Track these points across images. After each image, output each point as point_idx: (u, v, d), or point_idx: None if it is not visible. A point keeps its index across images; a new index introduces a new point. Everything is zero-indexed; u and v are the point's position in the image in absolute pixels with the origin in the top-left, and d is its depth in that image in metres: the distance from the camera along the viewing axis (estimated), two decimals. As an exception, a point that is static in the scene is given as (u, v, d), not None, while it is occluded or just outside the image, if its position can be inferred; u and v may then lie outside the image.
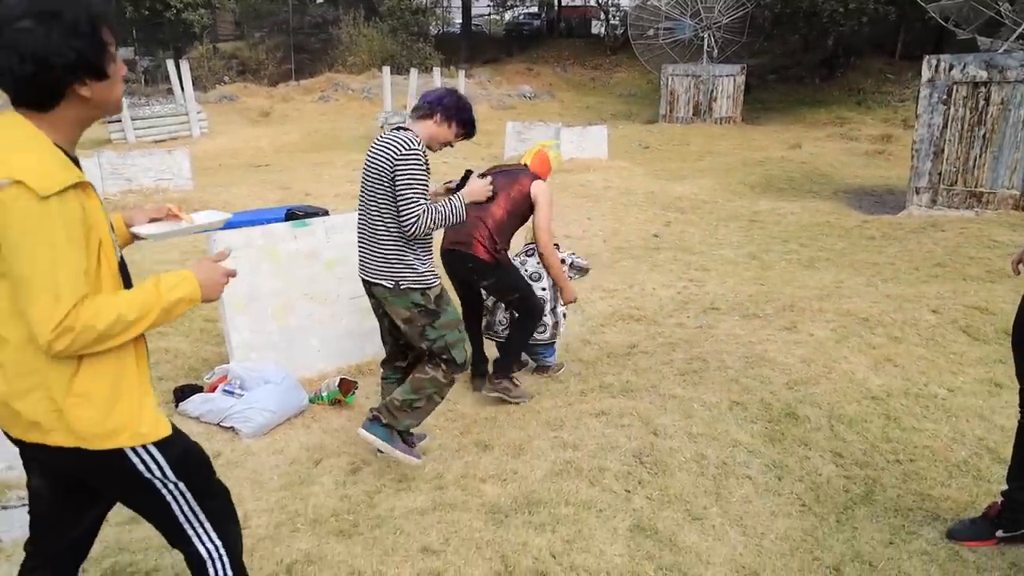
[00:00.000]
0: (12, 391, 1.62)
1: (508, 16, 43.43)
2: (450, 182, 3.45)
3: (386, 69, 20.21)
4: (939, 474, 3.35)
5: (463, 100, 3.29)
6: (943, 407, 3.96)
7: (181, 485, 1.80)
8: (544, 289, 4.36)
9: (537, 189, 4.14)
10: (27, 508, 1.95)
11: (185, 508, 1.82)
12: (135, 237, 1.98)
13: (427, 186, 3.05)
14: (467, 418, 3.92)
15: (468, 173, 3.37)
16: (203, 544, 1.86)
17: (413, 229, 3.00)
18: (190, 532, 1.85)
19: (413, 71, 19.24)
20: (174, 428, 1.80)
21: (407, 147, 3.01)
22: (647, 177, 12.88)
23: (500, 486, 3.18)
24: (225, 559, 1.89)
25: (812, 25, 23.58)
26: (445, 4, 42.48)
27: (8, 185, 1.47)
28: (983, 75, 9.15)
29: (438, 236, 3.90)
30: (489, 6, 43.41)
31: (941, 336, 4.88)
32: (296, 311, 4.37)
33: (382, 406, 3.23)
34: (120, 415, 1.67)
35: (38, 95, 1.57)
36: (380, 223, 3.10)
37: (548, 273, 4.32)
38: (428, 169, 3.05)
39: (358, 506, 3.06)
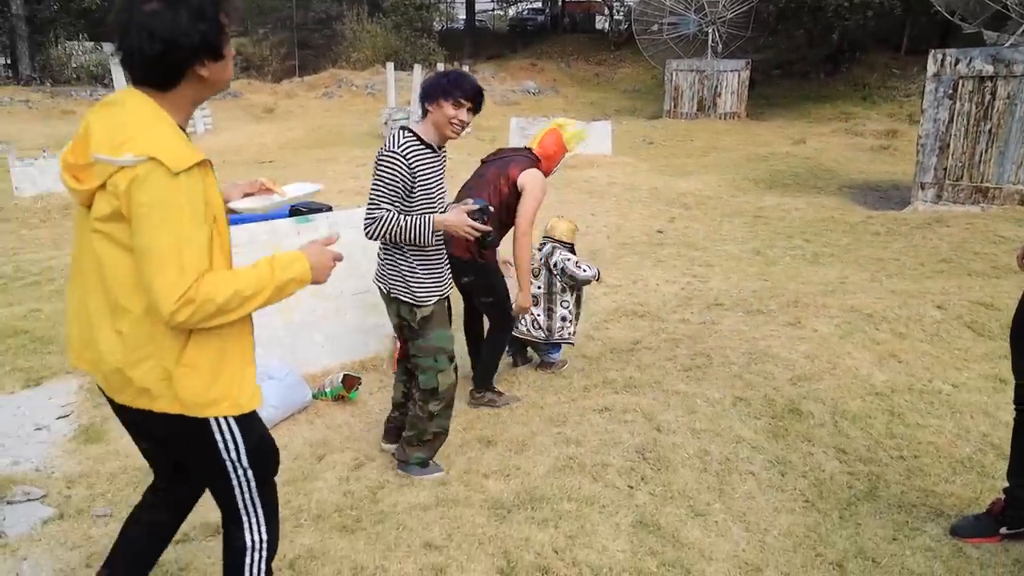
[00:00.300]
0: (128, 359, 1.70)
1: (512, 12, 43.40)
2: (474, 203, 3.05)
3: (390, 65, 20.18)
4: (943, 470, 3.34)
5: (441, 76, 3.03)
6: (947, 403, 3.95)
7: (249, 472, 1.88)
8: (539, 288, 4.33)
9: (525, 179, 3.83)
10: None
11: (247, 495, 1.91)
12: (231, 212, 2.09)
13: (395, 189, 2.89)
14: (470, 414, 3.93)
15: (484, 208, 3.01)
16: (251, 533, 1.95)
17: (367, 232, 2.90)
18: (244, 518, 1.94)
19: (417, 67, 19.21)
20: (256, 415, 1.89)
21: (386, 147, 2.94)
22: (651, 173, 12.86)
23: (503, 482, 3.18)
24: (265, 552, 1.98)
25: (817, 19, 23.49)
26: (449, 0, 42.43)
27: (144, 161, 1.55)
28: (989, 69, 9.10)
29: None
30: (493, 2, 43.35)
31: (946, 332, 4.87)
32: (301, 307, 4.37)
33: (398, 448, 3.35)
34: (222, 385, 1.75)
35: (163, 74, 1.65)
36: None
37: (514, 264, 3.99)
38: (406, 173, 2.89)
39: (361, 501, 3.07)
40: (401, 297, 3.04)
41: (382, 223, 2.88)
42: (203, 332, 1.69)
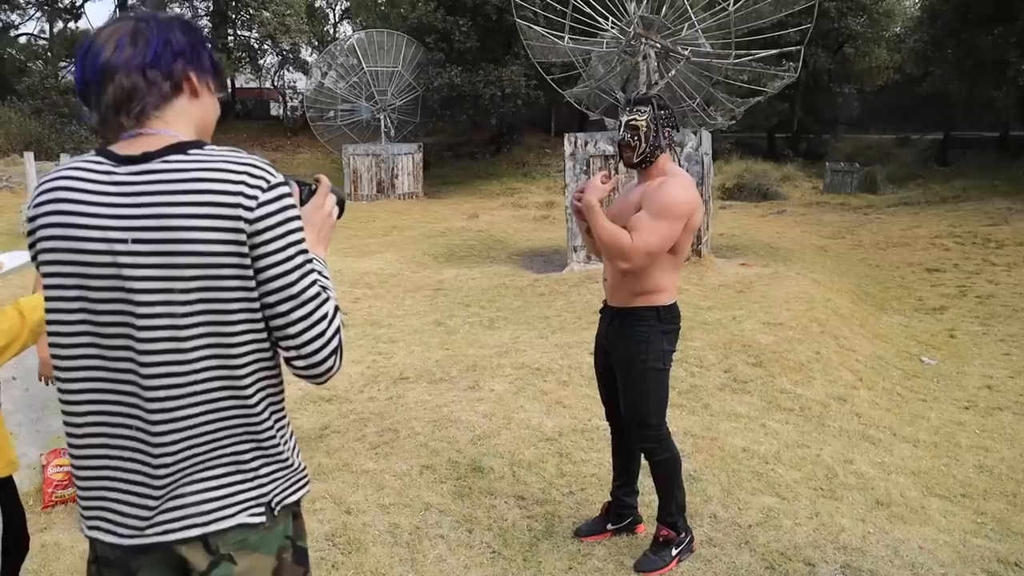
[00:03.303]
0: None
1: (177, 98, 41.28)
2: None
3: (28, 155, 17.80)
4: (604, 496, 3.76)
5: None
6: (605, 437, 4.46)
7: None
8: None
9: None
10: None
11: None
12: None
13: None
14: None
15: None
16: None
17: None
18: None
19: (64, 157, 17.22)
20: None
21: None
22: (333, 256, 12.92)
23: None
24: None
25: (477, 107, 25.97)
26: (101, 85, 39.08)
27: None
28: (611, 149, 10.79)
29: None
30: (154, 87, 40.87)
31: (599, 375, 5.55)
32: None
33: None
34: None
35: None
36: None
37: None
38: None
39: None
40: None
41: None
42: None
